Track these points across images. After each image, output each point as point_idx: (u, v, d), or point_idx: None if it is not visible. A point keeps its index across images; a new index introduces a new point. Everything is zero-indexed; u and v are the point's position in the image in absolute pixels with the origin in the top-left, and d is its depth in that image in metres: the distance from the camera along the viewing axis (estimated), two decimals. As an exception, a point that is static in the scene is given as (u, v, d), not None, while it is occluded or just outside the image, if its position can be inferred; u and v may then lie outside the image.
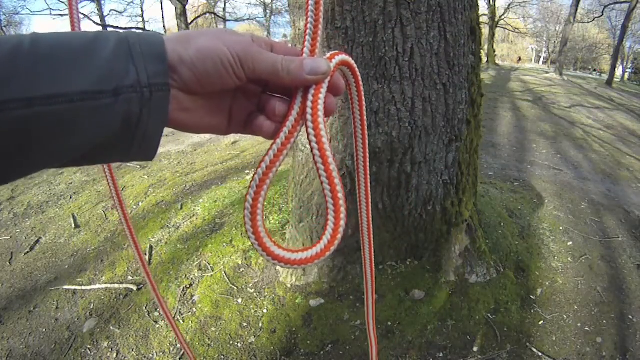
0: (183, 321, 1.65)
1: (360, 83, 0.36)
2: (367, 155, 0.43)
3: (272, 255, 0.29)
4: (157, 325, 1.63)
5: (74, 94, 0.22)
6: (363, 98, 0.39)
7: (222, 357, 1.48)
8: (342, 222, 0.30)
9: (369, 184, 0.45)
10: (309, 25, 0.30)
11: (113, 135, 0.24)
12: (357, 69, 0.35)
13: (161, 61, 0.25)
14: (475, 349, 1.50)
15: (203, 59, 0.26)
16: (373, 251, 0.52)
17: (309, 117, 0.30)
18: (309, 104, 0.30)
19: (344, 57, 0.32)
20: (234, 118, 0.33)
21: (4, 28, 15.51)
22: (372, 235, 0.50)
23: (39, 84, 0.21)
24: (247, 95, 0.33)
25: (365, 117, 0.41)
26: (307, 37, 0.30)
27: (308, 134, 0.30)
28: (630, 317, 1.69)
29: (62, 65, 0.22)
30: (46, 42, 0.22)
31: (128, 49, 0.24)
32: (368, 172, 0.45)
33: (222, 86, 0.28)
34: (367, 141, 0.42)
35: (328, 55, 0.31)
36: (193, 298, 1.78)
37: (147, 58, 0.24)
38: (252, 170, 3.25)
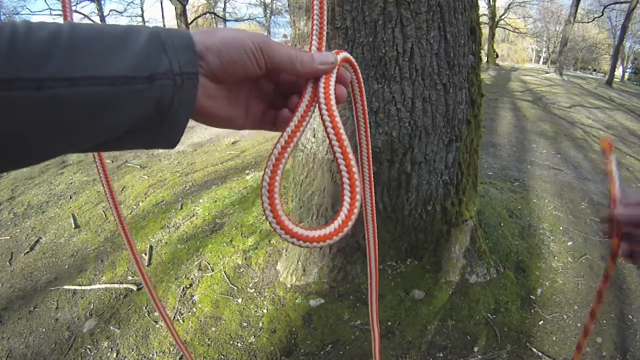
0: (183, 321, 1.65)
1: (361, 80, 0.38)
2: (370, 150, 0.45)
3: (291, 233, 0.29)
4: (157, 325, 1.63)
5: (116, 77, 0.23)
6: (364, 95, 0.41)
7: (222, 357, 1.48)
8: (358, 197, 0.31)
9: (372, 176, 0.47)
10: (315, 25, 0.33)
11: (145, 119, 0.26)
12: (357, 66, 0.37)
13: (190, 51, 0.27)
14: (475, 349, 1.50)
15: (229, 47, 0.29)
16: (377, 247, 0.53)
17: (322, 99, 0.32)
18: (321, 89, 0.32)
19: (346, 54, 0.34)
20: (250, 112, 0.35)
21: (4, 28, 15.44)
22: (376, 229, 0.52)
23: (84, 66, 0.22)
24: (261, 93, 0.35)
25: (367, 114, 0.43)
26: (314, 36, 0.33)
27: (322, 115, 0.32)
28: (630, 317, 1.68)
29: (103, 50, 0.23)
30: (84, 29, 0.24)
31: (160, 40, 0.26)
32: (371, 165, 0.46)
33: (244, 74, 0.30)
34: (369, 138, 0.44)
35: (333, 52, 0.34)
36: (193, 298, 1.78)
37: (178, 48, 0.26)
38: (252, 170, 3.25)
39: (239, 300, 1.74)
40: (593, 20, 21.14)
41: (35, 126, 0.21)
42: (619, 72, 23.08)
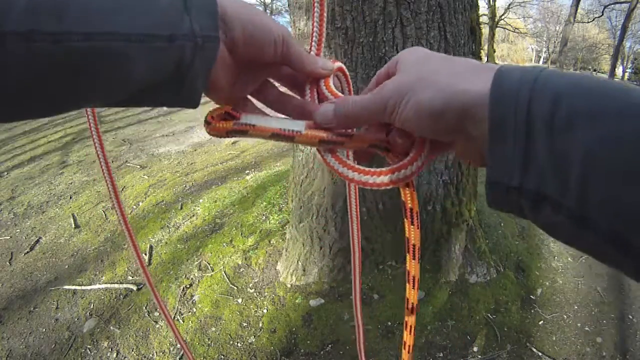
0: (183, 321, 1.65)
1: (352, 89, 0.41)
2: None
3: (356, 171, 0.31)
4: (157, 325, 1.63)
5: (131, 34, 0.23)
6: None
7: (222, 357, 1.48)
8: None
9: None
10: (315, 32, 0.35)
11: (164, 78, 0.26)
12: (348, 75, 0.40)
13: (213, 17, 0.27)
14: (475, 348, 1.50)
15: (255, 24, 0.29)
16: (360, 241, 0.55)
17: (326, 93, 0.34)
18: (323, 86, 0.34)
19: (340, 64, 0.37)
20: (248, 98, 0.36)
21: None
22: (359, 223, 0.54)
23: (99, 21, 0.22)
24: (264, 89, 0.37)
25: None
26: (314, 42, 0.35)
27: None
28: (630, 317, 1.69)
29: (122, 7, 0.23)
30: None
31: (184, 1, 0.26)
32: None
33: (260, 56, 0.31)
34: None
35: (330, 60, 0.36)
36: (193, 298, 1.78)
37: (201, 12, 0.26)
38: (252, 170, 3.25)
39: (239, 300, 1.74)
40: (593, 20, 21.15)
41: (55, 76, 0.22)
42: (619, 72, 23.08)
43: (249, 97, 0.36)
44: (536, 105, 0.21)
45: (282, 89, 0.37)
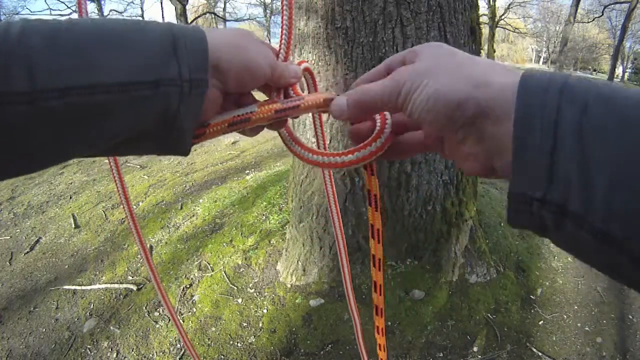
0: (183, 321, 1.65)
1: (317, 84, 0.42)
2: (326, 142, 0.51)
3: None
4: (157, 325, 1.63)
5: (113, 84, 0.21)
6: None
7: (222, 357, 1.48)
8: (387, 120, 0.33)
9: (332, 175, 0.52)
10: (283, 39, 0.36)
11: (149, 128, 0.24)
12: (314, 73, 0.42)
13: (203, 57, 0.25)
14: (475, 348, 1.50)
15: (251, 66, 0.29)
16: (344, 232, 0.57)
17: (290, 91, 0.36)
18: (291, 92, 0.36)
19: (306, 64, 0.40)
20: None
21: (4, 28, 15.46)
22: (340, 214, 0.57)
23: (77, 74, 0.20)
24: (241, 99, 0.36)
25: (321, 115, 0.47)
26: (282, 49, 0.36)
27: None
28: (630, 317, 1.69)
29: (102, 53, 0.21)
30: (86, 28, 0.22)
31: (172, 40, 0.24)
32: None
33: (250, 87, 0.31)
34: (325, 133, 0.48)
35: (296, 62, 0.38)
36: (193, 298, 1.78)
37: (190, 52, 0.24)
38: (252, 170, 3.25)
39: (239, 300, 1.74)
40: (593, 20, 21.16)
41: (32, 137, 0.20)
42: (619, 72, 23.08)
43: None
44: (566, 109, 0.20)
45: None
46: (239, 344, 1.53)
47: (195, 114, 0.26)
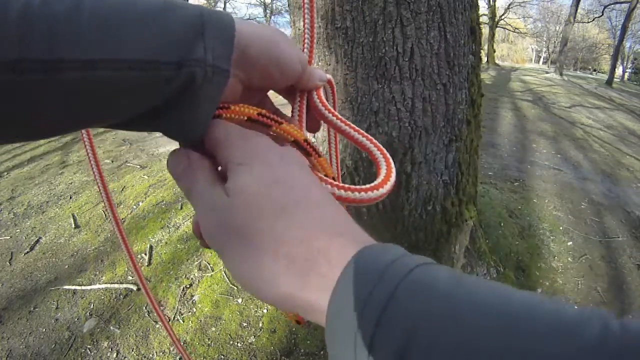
0: (183, 321, 1.65)
1: (336, 99, 0.42)
2: (339, 161, 0.47)
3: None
4: (157, 325, 1.63)
5: (136, 61, 0.21)
6: (336, 110, 0.44)
7: (222, 357, 1.48)
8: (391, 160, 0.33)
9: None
10: (306, 41, 0.35)
11: (166, 106, 0.24)
12: (335, 86, 0.41)
13: (228, 46, 0.24)
14: (475, 349, 1.50)
15: (284, 62, 0.28)
16: None
17: (318, 104, 0.35)
18: (315, 97, 0.35)
19: (330, 76, 0.39)
20: None
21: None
22: None
23: (100, 47, 0.20)
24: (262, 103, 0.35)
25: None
26: (306, 47, 0.35)
27: (324, 114, 0.35)
28: (630, 317, 1.68)
29: (127, 29, 0.21)
30: (110, 2, 0.21)
31: (201, 23, 0.23)
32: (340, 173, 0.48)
33: (275, 85, 0.30)
34: (339, 155, 0.47)
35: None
36: (193, 298, 1.78)
37: (217, 39, 0.24)
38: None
39: (239, 300, 1.74)
40: (593, 20, 21.17)
41: (42, 108, 0.20)
42: (619, 72, 23.08)
43: None
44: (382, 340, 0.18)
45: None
46: (239, 344, 1.53)
47: (214, 99, 0.25)
